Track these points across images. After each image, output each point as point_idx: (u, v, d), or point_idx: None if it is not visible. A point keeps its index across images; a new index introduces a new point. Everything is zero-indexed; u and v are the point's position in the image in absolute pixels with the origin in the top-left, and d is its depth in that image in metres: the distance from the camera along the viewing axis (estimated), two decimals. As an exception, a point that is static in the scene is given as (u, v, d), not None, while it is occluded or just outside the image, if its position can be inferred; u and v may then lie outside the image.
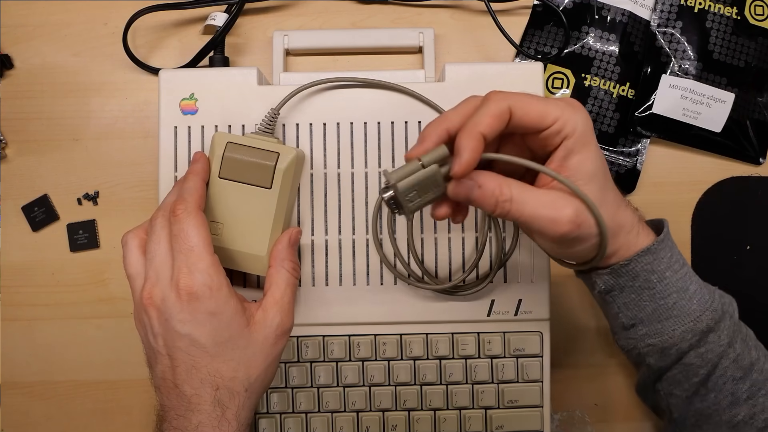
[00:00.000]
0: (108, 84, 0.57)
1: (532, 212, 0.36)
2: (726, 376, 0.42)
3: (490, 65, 0.49)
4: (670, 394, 0.45)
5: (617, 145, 0.56)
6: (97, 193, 0.56)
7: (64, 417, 0.56)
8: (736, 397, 0.42)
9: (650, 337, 0.42)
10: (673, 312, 0.41)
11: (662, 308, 0.41)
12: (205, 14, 0.56)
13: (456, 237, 0.49)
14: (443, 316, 0.49)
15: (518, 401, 0.49)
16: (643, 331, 0.42)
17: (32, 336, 0.56)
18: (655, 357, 0.43)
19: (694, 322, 0.41)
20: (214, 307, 0.39)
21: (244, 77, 0.49)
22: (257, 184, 0.44)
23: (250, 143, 0.44)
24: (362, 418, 0.49)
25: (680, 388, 0.44)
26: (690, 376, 0.42)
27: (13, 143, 0.56)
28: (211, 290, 0.39)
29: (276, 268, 0.43)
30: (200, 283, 0.39)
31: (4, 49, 0.57)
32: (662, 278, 0.41)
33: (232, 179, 0.44)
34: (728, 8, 0.56)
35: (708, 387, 0.42)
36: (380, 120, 0.49)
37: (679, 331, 0.41)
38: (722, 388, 0.42)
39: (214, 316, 0.39)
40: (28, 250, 0.56)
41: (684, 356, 0.42)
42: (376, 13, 0.57)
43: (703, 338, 0.41)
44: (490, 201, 0.36)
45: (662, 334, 0.42)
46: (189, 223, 0.40)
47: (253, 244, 0.44)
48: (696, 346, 0.41)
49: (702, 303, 0.41)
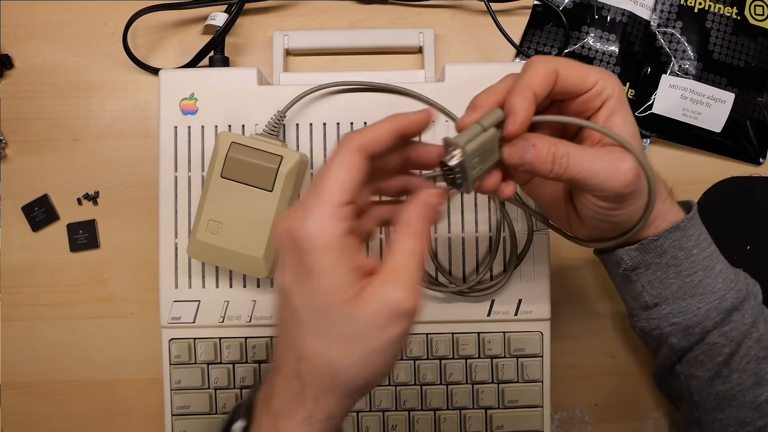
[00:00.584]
0: (108, 84, 0.57)
1: (591, 166, 0.35)
2: (750, 356, 0.41)
3: (490, 65, 0.49)
4: (691, 376, 0.44)
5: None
6: (97, 193, 0.56)
7: (64, 417, 0.56)
8: (760, 377, 0.41)
9: (674, 316, 0.42)
10: (698, 290, 0.41)
11: (688, 286, 0.41)
12: (205, 14, 0.56)
13: (470, 237, 0.49)
14: (443, 316, 0.49)
15: (518, 401, 0.49)
16: (667, 309, 0.42)
17: (32, 336, 0.56)
18: (679, 336, 0.42)
19: (719, 301, 0.41)
20: (314, 265, 0.31)
21: (244, 77, 0.49)
22: (259, 186, 0.44)
23: (254, 145, 0.44)
24: (362, 419, 0.49)
25: (702, 368, 0.43)
26: (713, 355, 0.42)
27: (13, 143, 0.56)
28: (317, 245, 0.31)
29: (400, 231, 0.33)
30: (307, 233, 0.31)
31: (4, 49, 0.57)
32: (689, 255, 0.41)
33: (234, 179, 0.44)
34: (728, 8, 0.56)
35: (731, 368, 0.42)
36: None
37: (704, 309, 0.41)
38: (746, 368, 0.41)
39: (313, 276, 0.31)
40: (28, 250, 0.56)
41: (708, 335, 0.42)
42: (376, 13, 0.57)
43: (728, 317, 0.41)
44: (547, 159, 0.34)
45: (687, 312, 0.42)
46: (337, 157, 0.32)
47: (251, 246, 0.44)
48: (720, 325, 0.41)
49: (727, 282, 0.41)
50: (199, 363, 0.49)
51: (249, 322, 0.49)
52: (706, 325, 0.41)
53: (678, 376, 0.45)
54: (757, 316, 0.42)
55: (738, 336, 0.41)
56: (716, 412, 0.43)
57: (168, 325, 0.49)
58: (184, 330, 0.49)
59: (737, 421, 0.42)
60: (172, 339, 0.49)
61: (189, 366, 0.49)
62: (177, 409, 0.49)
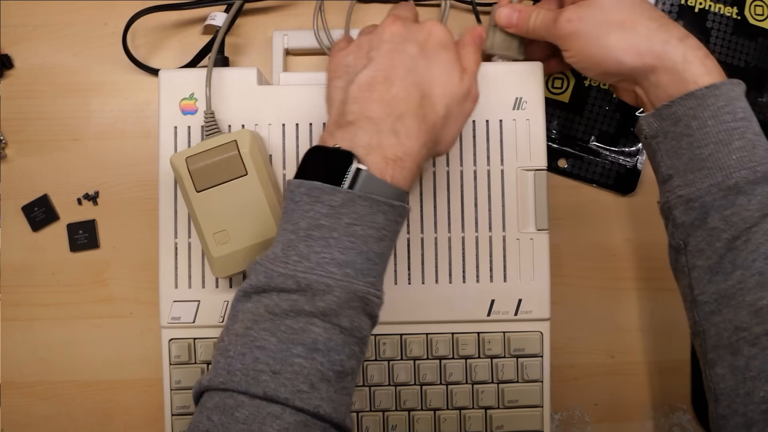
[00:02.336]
0: (108, 84, 0.57)
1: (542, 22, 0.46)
2: (757, 252, 0.38)
3: (489, 65, 0.49)
4: (693, 267, 0.41)
5: (618, 144, 0.56)
6: (97, 193, 0.56)
7: (64, 417, 0.56)
8: (765, 278, 0.38)
9: (681, 188, 0.40)
10: (706, 163, 0.39)
11: (697, 158, 0.40)
12: (205, 14, 0.56)
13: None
14: (443, 316, 0.49)
15: (518, 401, 0.49)
16: (677, 182, 0.41)
17: (32, 336, 0.56)
18: (680, 209, 0.41)
19: (724, 177, 0.39)
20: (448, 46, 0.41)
21: (244, 77, 0.49)
22: (234, 176, 0.44)
23: (205, 147, 0.44)
24: (362, 418, 0.49)
25: (703, 257, 0.40)
26: (713, 241, 0.39)
27: (13, 143, 0.56)
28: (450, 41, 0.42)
29: (465, 48, 0.43)
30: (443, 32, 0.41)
31: (4, 49, 0.57)
32: (702, 126, 0.39)
33: (210, 186, 0.44)
34: (728, 8, 0.56)
35: (735, 263, 0.39)
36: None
37: (707, 183, 0.39)
38: (750, 266, 0.38)
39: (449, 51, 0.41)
40: (28, 250, 0.56)
41: (708, 216, 0.39)
42: (376, 13, 0.57)
43: (731, 197, 0.39)
44: (521, 21, 0.48)
45: (692, 184, 0.40)
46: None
47: (262, 232, 0.44)
48: (723, 207, 0.39)
49: (742, 161, 0.39)
50: (199, 363, 0.49)
51: (249, 322, 0.49)
52: (706, 201, 0.39)
53: (683, 270, 0.42)
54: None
55: (740, 222, 0.38)
56: (714, 315, 0.40)
57: (168, 325, 0.49)
58: (184, 330, 0.49)
59: (733, 325, 0.39)
60: (172, 339, 0.49)
61: (189, 366, 0.49)
62: (177, 409, 0.49)
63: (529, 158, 0.49)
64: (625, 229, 0.56)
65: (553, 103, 0.56)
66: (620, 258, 0.56)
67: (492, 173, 0.49)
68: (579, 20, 0.43)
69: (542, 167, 0.49)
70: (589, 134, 0.56)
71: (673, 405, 0.56)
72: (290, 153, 0.49)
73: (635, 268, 0.56)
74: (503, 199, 0.49)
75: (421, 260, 0.48)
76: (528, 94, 0.49)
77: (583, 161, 0.56)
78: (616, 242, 0.56)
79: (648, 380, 0.56)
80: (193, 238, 0.49)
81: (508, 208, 0.49)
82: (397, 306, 0.48)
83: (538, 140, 0.49)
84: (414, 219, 0.48)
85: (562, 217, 0.56)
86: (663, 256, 0.44)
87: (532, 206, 0.48)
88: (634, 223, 0.56)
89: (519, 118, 0.49)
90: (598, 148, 0.56)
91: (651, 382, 0.56)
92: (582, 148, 0.56)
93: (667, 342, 0.56)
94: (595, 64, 0.43)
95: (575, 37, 0.43)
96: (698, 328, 0.41)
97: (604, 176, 0.56)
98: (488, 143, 0.49)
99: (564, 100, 0.56)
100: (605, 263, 0.56)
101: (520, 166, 0.49)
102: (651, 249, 0.56)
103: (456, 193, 0.49)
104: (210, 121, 0.46)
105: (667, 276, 0.56)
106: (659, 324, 0.56)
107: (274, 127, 0.49)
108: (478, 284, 0.49)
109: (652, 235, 0.56)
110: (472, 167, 0.49)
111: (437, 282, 0.49)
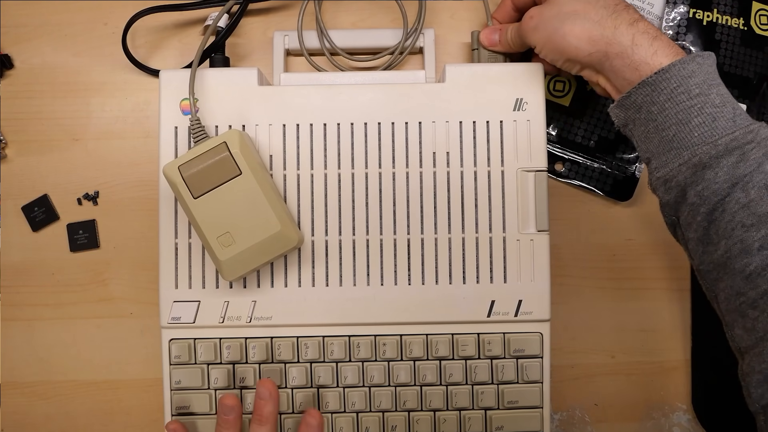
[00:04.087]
0: (108, 84, 0.57)
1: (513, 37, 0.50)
2: (734, 222, 0.39)
3: (490, 66, 0.49)
4: (687, 239, 0.43)
5: (617, 151, 0.56)
6: (97, 193, 0.56)
7: (64, 417, 0.56)
8: (746, 245, 0.39)
9: (658, 170, 0.42)
10: (673, 144, 0.41)
11: (665, 140, 0.41)
12: (205, 15, 0.56)
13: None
14: (443, 317, 0.49)
15: (518, 402, 0.49)
16: (654, 164, 0.43)
17: (32, 336, 0.56)
18: (662, 190, 0.43)
19: (690, 156, 0.41)
20: None
21: (245, 77, 0.49)
22: (228, 177, 0.44)
23: (196, 153, 0.45)
24: (362, 419, 0.49)
25: (691, 229, 0.42)
26: (695, 215, 0.41)
27: (13, 143, 0.56)
28: None
29: None
30: None
31: (4, 49, 0.57)
32: (662, 110, 0.41)
33: (206, 191, 0.44)
34: (735, 19, 0.56)
35: (718, 233, 0.40)
36: (380, 120, 0.49)
37: (677, 163, 0.41)
38: (731, 235, 0.40)
39: None
40: (28, 250, 0.56)
41: (687, 192, 0.41)
42: (376, 12, 0.57)
43: (699, 173, 0.40)
44: (503, 40, 0.52)
45: (665, 165, 0.42)
46: None
47: (265, 228, 0.44)
48: (695, 183, 0.41)
49: (704, 136, 0.40)
50: (199, 363, 0.49)
51: (249, 323, 0.49)
52: (679, 180, 0.41)
53: (683, 243, 0.44)
54: (743, 179, 0.39)
55: (711, 196, 0.40)
56: (718, 281, 0.42)
57: (168, 326, 0.49)
58: (184, 330, 0.49)
59: (734, 291, 0.40)
60: (172, 339, 0.49)
61: (189, 366, 0.49)
62: (177, 409, 0.49)
63: (530, 159, 0.49)
64: (625, 229, 0.56)
65: (553, 106, 0.56)
66: (620, 258, 0.56)
67: (492, 174, 0.49)
68: (539, 15, 0.46)
69: (543, 168, 0.49)
70: (588, 139, 0.56)
71: (673, 405, 0.56)
72: (291, 153, 0.49)
73: (635, 268, 0.56)
74: (503, 200, 0.49)
75: (421, 261, 0.48)
76: (529, 95, 0.49)
77: (580, 166, 0.56)
78: (616, 242, 0.56)
79: (648, 380, 0.56)
80: (193, 239, 0.49)
81: (508, 209, 0.49)
82: (397, 307, 0.48)
83: (539, 141, 0.49)
84: (414, 219, 0.48)
85: (562, 217, 0.56)
86: (663, 256, 0.44)
87: (532, 207, 0.48)
88: (634, 223, 0.56)
89: (519, 119, 0.49)
90: (597, 153, 0.56)
91: (651, 382, 0.56)
92: (580, 153, 0.56)
93: (667, 342, 0.56)
94: (558, 53, 0.45)
95: (537, 30, 0.46)
96: (711, 294, 0.43)
97: (600, 182, 0.56)
98: (488, 144, 0.49)
99: (564, 104, 0.56)
100: (605, 263, 0.56)
101: (521, 167, 0.49)
102: (651, 249, 0.56)
103: (456, 194, 0.49)
104: (197, 127, 0.46)
105: (667, 276, 0.57)
106: (659, 324, 0.56)
107: (274, 128, 0.49)
108: (478, 285, 0.49)
109: (652, 236, 0.56)
110: (473, 168, 0.49)
111: (437, 283, 0.49)
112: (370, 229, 0.48)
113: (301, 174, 0.49)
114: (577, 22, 0.44)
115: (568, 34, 0.44)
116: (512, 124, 0.49)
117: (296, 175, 0.49)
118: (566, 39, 0.44)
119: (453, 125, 0.49)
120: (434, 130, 0.49)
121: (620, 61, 0.42)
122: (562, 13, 0.45)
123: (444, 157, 0.49)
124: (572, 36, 0.44)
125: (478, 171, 0.49)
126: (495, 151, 0.49)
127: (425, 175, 0.49)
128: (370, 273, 0.48)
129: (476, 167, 0.49)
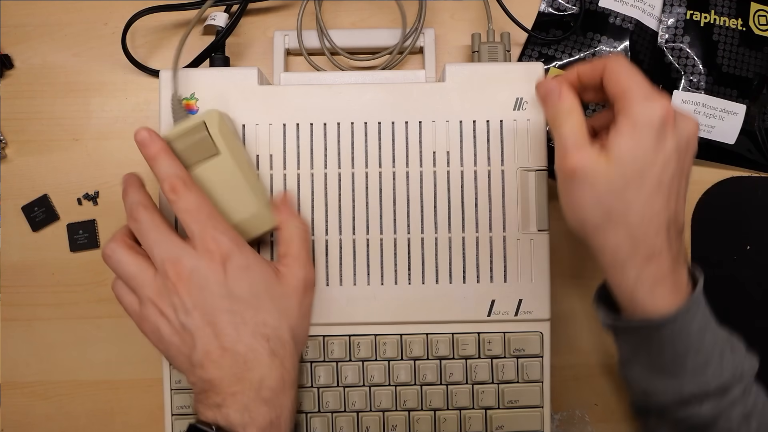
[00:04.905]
0: (108, 84, 0.57)
1: None
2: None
3: (490, 66, 0.50)
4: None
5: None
6: (97, 193, 0.56)
7: (64, 417, 0.56)
8: None
9: (642, 382, 0.44)
10: (665, 372, 0.42)
11: (655, 364, 0.42)
12: (205, 15, 0.56)
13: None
14: (443, 316, 0.49)
15: (518, 401, 0.49)
16: (637, 373, 0.44)
17: (32, 336, 0.56)
18: (638, 398, 0.46)
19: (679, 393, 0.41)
20: (245, 261, 0.41)
21: (245, 77, 0.49)
22: (207, 156, 0.44)
23: (175, 133, 0.44)
24: (362, 419, 0.49)
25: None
26: None
27: (13, 143, 0.56)
28: (239, 246, 0.41)
29: (284, 226, 0.45)
30: (228, 242, 0.41)
31: (4, 49, 0.57)
32: (658, 352, 0.41)
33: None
34: (733, 20, 0.56)
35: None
36: (380, 120, 0.49)
37: (668, 396, 0.42)
38: None
39: (248, 270, 0.41)
40: (28, 250, 0.56)
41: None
42: (376, 12, 0.57)
43: (684, 405, 0.41)
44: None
45: (654, 388, 0.43)
46: (196, 193, 0.41)
47: (243, 208, 0.44)
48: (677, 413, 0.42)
49: (674, 395, 0.41)
50: (199, 363, 0.49)
51: (249, 322, 0.49)
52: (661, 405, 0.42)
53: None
54: (721, 412, 0.40)
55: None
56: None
57: (168, 325, 0.49)
58: (185, 330, 0.49)
59: None
60: (172, 339, 0.49)
61: (189, 366, 0.49)
62: (177, 409, 0.49)
63: (530, 159, 0.49)
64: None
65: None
66: (620, 258, 0.56)
67: (492, 173, 0.49)
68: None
69: (543, 167, 0.49)
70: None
71: (673, 405, 0.56)
72: (291, 153, 0.49)
73: (635, 268, 0.56)
74: (503, 200, 0.49)
75: (421, 260, 0.48)
76: (529, 94, 0.49)
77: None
78: (616, 242, 0.56)
79: (648, 380, 0.56)
80: (193, 238, 0.48)
81: (508, 209, 0.49)
82: (397, 306, 0.48)
83: (539, 141, 0.49)
84: (414, 218, 0.48)
85: (563, 217, 0.56)
86: (663, 256, 0.44)
87: (533, 207, 0.49)
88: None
89: (520, 118, 0.49)
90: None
91: (651, 383, 0.56)
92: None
93: (667, 342, 0.56)
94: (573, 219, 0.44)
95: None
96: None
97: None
98: (488, 143, 0.49)
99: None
100: (605, 263, 0.56)
101: (521, 167, 0.49)
102: (651, 249, 0.56)
103: (456, 193, 0.49)
104: (176, 109, 0.46)
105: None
106: (659, 324, 0.56)
107: (274, 127, 0.49)
108: (479, 284, 0.49)
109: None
110: (473, 167, 0.49)
111: (437, 282, 0.49)
112: (371, 229, 0.48)
113: (301, 173, 0.49)
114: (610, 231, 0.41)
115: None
116: (512, 124, 0.49)
117: (296, 174, 0.49)
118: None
119: (453, 125, 0.49)
120: (434, 129, 0.49)
121: (617, 290, 0.42)
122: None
123: (444, 157, 0.49)
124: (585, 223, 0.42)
125: (478, 170, 0.49)
126: (495, 151, 0.49)
127: (425, 174, 0.49)
128: (371, 272, 0.48)
129: (476, 167, 0.49)
